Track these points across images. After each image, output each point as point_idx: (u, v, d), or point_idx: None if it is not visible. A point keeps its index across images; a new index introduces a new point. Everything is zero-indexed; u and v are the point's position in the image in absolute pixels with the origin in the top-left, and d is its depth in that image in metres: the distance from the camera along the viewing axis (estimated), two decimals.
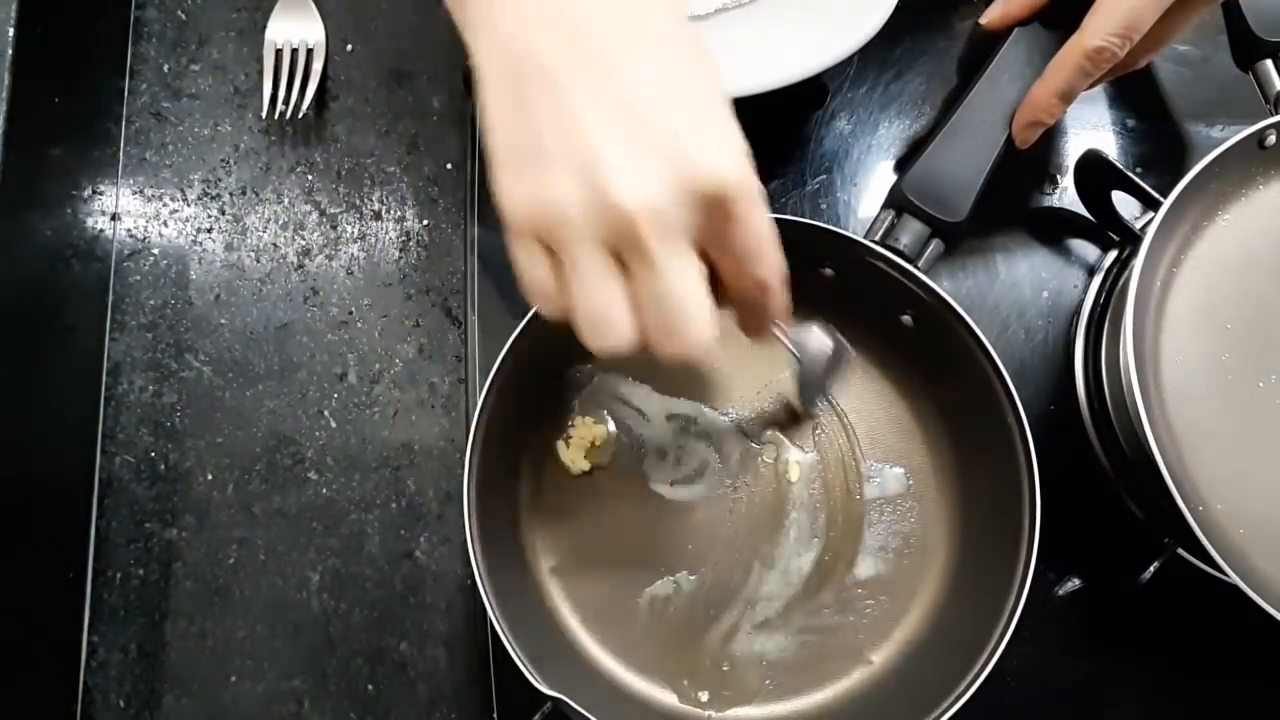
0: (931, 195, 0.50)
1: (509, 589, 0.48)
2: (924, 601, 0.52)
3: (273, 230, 0.59)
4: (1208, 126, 0.61)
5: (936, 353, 0.52)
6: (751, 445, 0.54)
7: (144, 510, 0.55)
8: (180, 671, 0.53)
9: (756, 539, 0.53)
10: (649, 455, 0.54)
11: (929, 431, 0.54)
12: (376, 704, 0.54)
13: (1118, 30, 0.49)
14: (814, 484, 0.54)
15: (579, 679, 0.50)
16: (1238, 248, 0.53)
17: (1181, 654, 0.55)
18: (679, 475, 0.54)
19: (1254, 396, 0.51)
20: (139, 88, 0.61)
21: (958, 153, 0.51)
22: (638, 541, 0.53)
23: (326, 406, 0.57)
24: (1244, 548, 0.48)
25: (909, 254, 0.50)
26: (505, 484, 0.52)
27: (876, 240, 0.51)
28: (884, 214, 0.52)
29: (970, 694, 0.45)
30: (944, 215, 0.50)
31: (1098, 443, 0.56)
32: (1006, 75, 0.52)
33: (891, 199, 0.51)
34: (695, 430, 0.54)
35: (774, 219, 0.51)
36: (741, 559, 0.53)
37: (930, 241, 0.51)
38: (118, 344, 0.57)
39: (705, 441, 0.54)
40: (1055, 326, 0.58)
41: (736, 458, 0.54)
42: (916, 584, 0.52)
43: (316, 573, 0.55)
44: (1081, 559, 0.55)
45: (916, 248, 0.51)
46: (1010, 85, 0.52)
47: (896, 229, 0.51)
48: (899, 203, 0.51)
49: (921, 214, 0.50)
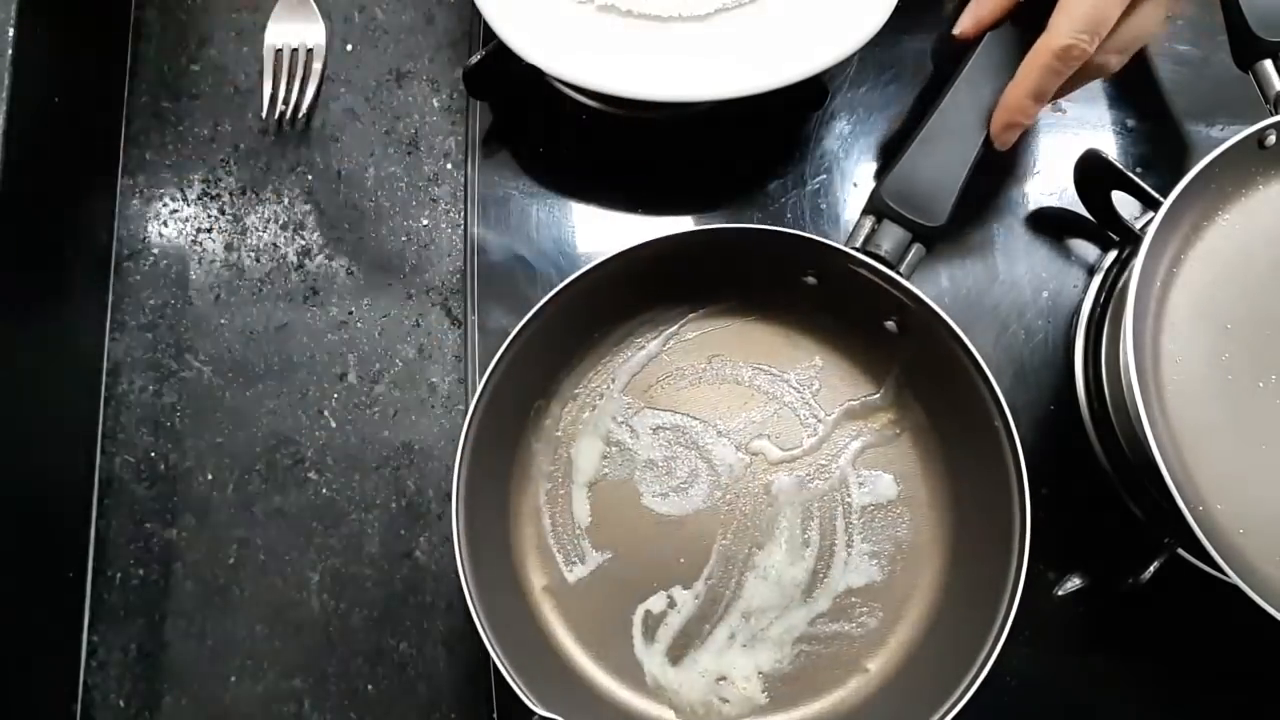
0: (910, 200, 0.50)
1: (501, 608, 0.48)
2: (919, 607, 0.52)
3: (273, 230, 0.59)
4: (1208, 126, 0.61)
5: (921, 357, 0.52)
6: (741, 456, 0.54)
7: (144, 510, 0.55)
8: (180, 671, 0.54)
9: (749, 550, 0.53)
10: (639, 469, 0.54)
11: (918, 436, 0.54)
12: (376, 704, 0.54)
13: (1083, 27, 0.49)
14: (804, 493, 0.54)
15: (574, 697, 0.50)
16: (1238, 248, 0.53)
17: (1181, 654, 0.55)
18: (669, 488, 0.54)
19: (1254, 396, 0.51)
20: (139, 88, 0.61)
21: (935, 157, 0.51)
22: (630, 557, 0.53)
23: (326, 406, 0.57)
24: (1244, 548, 0.48)
25: (890, 260, 0.50)
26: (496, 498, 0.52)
27: (857, 247, 0.50)
28: (864, 220, 0.51)
29: (968, 698, 0.45)
30: (924, 220, 0.50)
31: (1098, 443, 0.56)
32: (981, 78, 0.52)
33: (871, 205, 0.51)
34: (684, 442, 0.54)
35: (752, 229, 0.51)
36: (734, 571, 0.53)
37: (911, 246, 0.51)
38: (118, 344, 0.57)
39: (695, 453, 0.54)
40: (1055, 326, 0.58)
41: (726, 469, 0.54)
42: (911, 590, 0.52)
43: (316, 573, 0.55)
44: (1081, 559, 0.55)
45: (898, 253, 0.50)
46: (985, 88, 0.52)
47: (877, 235, 0.51)
48: (879, 208, 0.51)
49: (901, 219, 0.50)
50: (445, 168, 0.60)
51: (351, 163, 0.60)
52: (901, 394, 0.54)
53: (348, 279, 0.59)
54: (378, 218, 0.60)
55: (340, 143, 0.60)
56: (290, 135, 0.60)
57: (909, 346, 0.52)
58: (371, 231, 0.59)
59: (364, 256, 0.59)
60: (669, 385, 0.55)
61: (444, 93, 0.62)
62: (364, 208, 0.60)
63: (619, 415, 0.54)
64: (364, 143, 0.61)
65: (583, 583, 0.52)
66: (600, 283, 0.50)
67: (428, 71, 0.62)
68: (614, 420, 0.54)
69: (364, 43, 0.62)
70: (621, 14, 0.54)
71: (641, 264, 0.51)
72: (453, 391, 0.57)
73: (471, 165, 0.60)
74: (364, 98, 0.61)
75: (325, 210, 0.60)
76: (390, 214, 0.60)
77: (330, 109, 0.61)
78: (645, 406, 0.55)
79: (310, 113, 0.60)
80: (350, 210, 0.60)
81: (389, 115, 0.61)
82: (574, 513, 0.53)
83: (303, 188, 0.60)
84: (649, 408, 0.55)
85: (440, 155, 0.61)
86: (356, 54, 0.62)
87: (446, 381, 0.58)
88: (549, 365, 0.54)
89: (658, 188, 0.60)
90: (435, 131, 0.61)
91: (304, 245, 0.59)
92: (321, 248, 0.59)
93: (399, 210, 0.60)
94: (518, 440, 0.53)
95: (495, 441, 0.50)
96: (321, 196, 0.60)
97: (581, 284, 0.50)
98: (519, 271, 0.58)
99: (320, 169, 0.60)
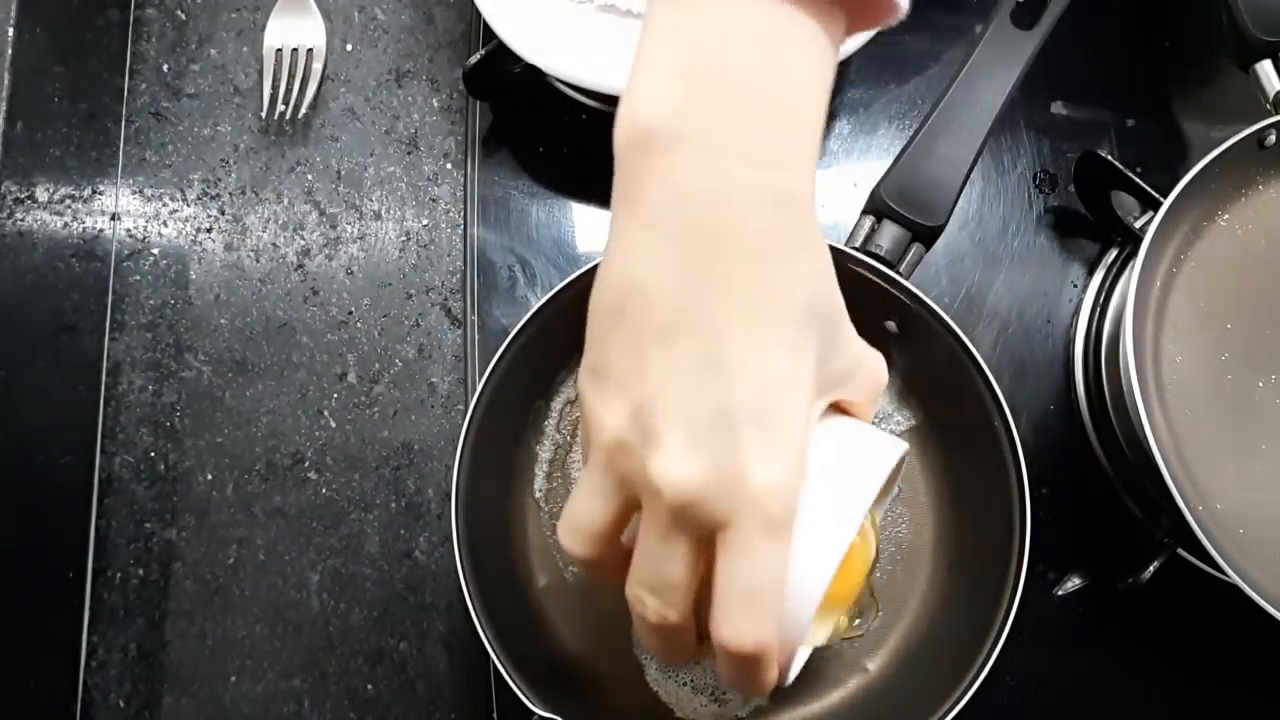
0: (910, 200, 0.50)
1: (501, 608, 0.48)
2: (918, 607, 0.52)
3: (272, 230, 0.59)
4: (1208, 126, 0.61)
5: (920, 358, 0.52)
6: None
7: (144, 510, 0.55)
8: (180, 671, 0.54)
9: None
10: None
11: (917, 437, 0.54)
12: (376, 704, 0.54)
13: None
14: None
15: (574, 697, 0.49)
16: (1238, 248, 0.53)
17: (1181, 654, 0.55)
18: None
19: (1254, 396, 0.51)
20: (139, 88, 0.61)
21: (935, 156, 0.51)
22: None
23: (326, 406, 0.57)
24: (1244, 548, 0.48)
25: (890, 259, 0.50)
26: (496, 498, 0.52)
27: (857, 246, 0.50)
28: (863, 220, 0.51)
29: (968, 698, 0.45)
30: (924, 219, 0.50)
31: (1098, 443, 0.56)
32: (982, 77, 0.52)
33: (871, 204, 0.51)
34: None
35: None
36: None
37: (911, 246, 0.51)
38: (118, 344, 0.57)
39: None
40: (1055, 326, 0.58)
41: None
42: (910, 590, 0.52)
43: (316, 573, 0.55)
44: (1081, 559, 0.55)
45: (897, 253, 0.50)
46: (985, 88, 0.52)
47: (877, 234, 0.50)
48: (878, 208, 0.51)
49: (901, 219, 0.50)
50: (445, 168, 0.60)
51: (351, 163, 0.60)
52: (901, 394, 0.54)
53: (348, 279, 0.59)
54: (378, 218, 0.60)
55: (340, 142, 0.60)
56: (290, 135, 0.60)
57: (909, 346, 0.52)
58: (371, 231, 0.59)
59: (364, 256, 0.59)
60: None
61: (444, 93, 0.62)
62: (364, 208, 0.60)
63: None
64: (364, 143, 0.61)
65: (582, 583, 0.52)
66: None
67: (427, 71, 0.62)
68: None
69: (364, 42, 0.62)
70: (621, 14, 0.54)
71: None
72: (453, 391, 0.57)
73: (471, 165, 0.60)
74: (364, 97, 0.61)
75: (325, 210, 0.60)
76: (390, 214, 0.60)
77: (330, 109, 0.61)
78: None
79: (310, 113, 0.60)
80: (350, 210, 0.60)
81: (388, 115, 0.61)
82: None
83: (303, 188, 0.60)
84: None
85: (440, 155, 0.61)
86: (356, 54, 0.62)
87: (446, 381, 0.58)
88: (549, 365, 0.53)
89: None
90: (435, 131, 0.61)
91: (304, 245, 0.59)
92: (321, 248, 0.59)
93: (399, 210, 0.60)
94: (518, 440, 0.53)
95: (495, 441, 0.50)
96: (321, 196, 0.60)
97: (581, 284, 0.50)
98: (519, 271, 0.58)
99: (320, 169, 0.60)
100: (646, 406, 0.32)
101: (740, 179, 0.31)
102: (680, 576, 0.33)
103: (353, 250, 0.59)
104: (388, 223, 0.60)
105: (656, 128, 0.31)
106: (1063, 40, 0.52)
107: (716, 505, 0.31)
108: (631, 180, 0.32)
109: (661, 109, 0.32)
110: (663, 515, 0.32)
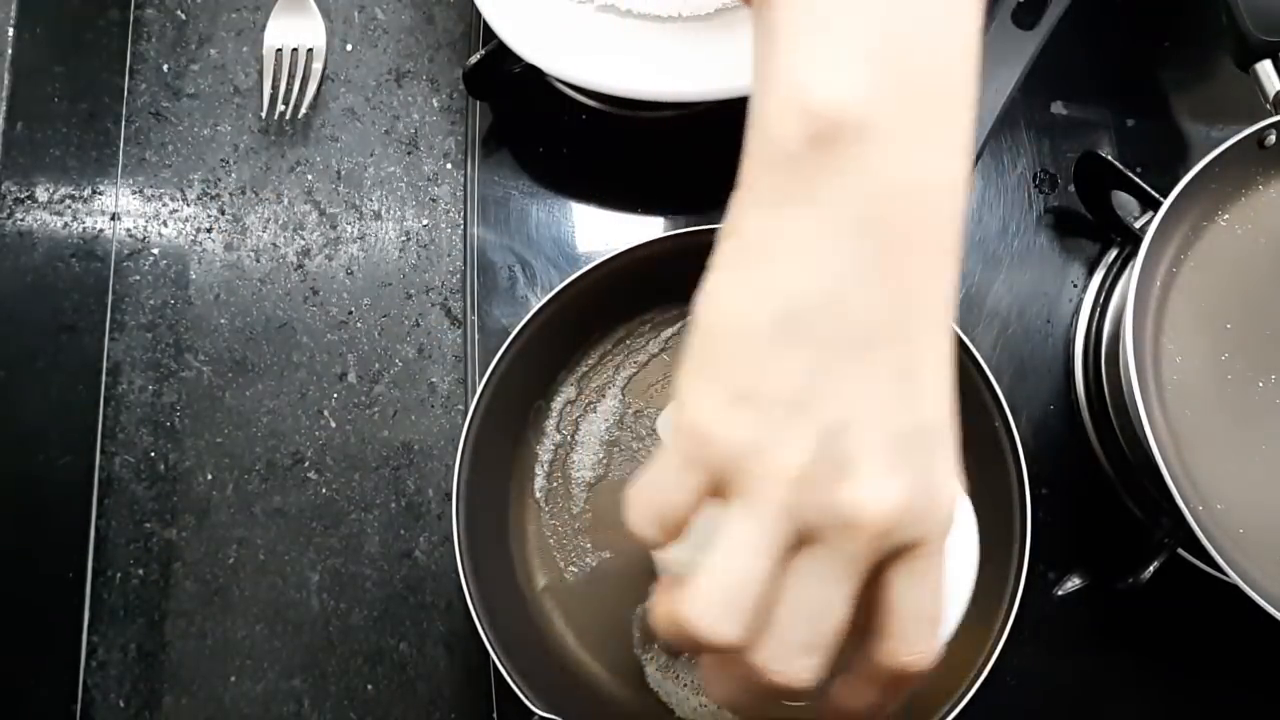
0: None
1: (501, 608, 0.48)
2: None
3: (272, 230, 0.59)
4: (1208, 126, 0.61)
5: None
6: None
7: (144, 510, 0.55)
8: (180, 671, 0.54)
9: None
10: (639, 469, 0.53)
11: None
12: (376, 704, 0.54)
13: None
14: None
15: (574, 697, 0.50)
16: (1238, 248, 0.53)
17: (1181, 654, 0.55)
18: None
19: (1254, 396, 0.51)
20: (139, 88, 0.61)
21: None
22: (630, 557, 0.52)
23: (326, 406, 0.57)
24: (1244, 548, 0.48)
25: None
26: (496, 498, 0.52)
27: None
28: None
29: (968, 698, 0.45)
30: None
31: (1098, 443, 0.56)
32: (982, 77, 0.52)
33: None
34: None
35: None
36: None
37: None
38: (118, 344, 0.57)
39: None
40: (1055, 326, 0.58)
41: None
42: None
43: (316, 573, 0.55)
44: (1081, 559, 0.55)
45: None
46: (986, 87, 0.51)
47: None
48: None
49: None
50: (445, 167, 0.60)
51: (351, 163, 0.60)
52: None
53: (348, 279, 0.59)
54: (378, 218, 0.60)
55: (340, 142, 0.60)
56: (290, 135, 0.60)
57: None
58: (371, 231, 0.59)
59: (364, 256, 0.59)
60: (669, 386, 0.55)
61: (444, 93, 0.61)
62: (364, 208, 0.60)
63: (619, 415, 0.54)
64: (364, 142, 0.61)
65: (582, 583, 0.52)
66: (600, 283, 0.50)
67: (427, 71, 0.62)
68: (614, 420, 0.54)
69: (364, 42, 0.62)
70: (621, 14, 0.54)
71: (641, 264, 0.51)
72: (453, 391, 0.57)
73: (471, 165, 0.60)
74: (364, 97, 0.61)
75: (325, 210, 0.60)
76: (390, 214, 0.60)
77: (330, 109, 0.61)
78: (645, 407, 0.55)
79: (310, 113, 0.60)
80: (350, 210, 0.60)
81: (388, 115, 0.61)
82: (574, 513, 0.53)
83: (303, 188, 0.60)
84: (649, 408, 0.55)
85: (440, 155, 0.61)
86: (356, 54, 0.62)
87: (446, 381, 0.58)
88: (549, 365, 0.54)
89: (658, 188, 0.60)
90: (435, 131, 0.61)
91: (304, 245, 0.59)
92: (321, 248, 0.59)
93: (399, 210, 0.60)
94: (518, 440, 0.53)
95: (495, 441, 0.50)
96: (321, 196, 0.60)
97: (581, 284, 0.50)
98: (519, 271, 0.58)
99: (320, 169, 0.60)
100: (843, 428, 0.28)
101: (936, 169, 0.29)
102: (842, 622, 0.29)
103: (353, 250, 0.59)
104: (388, 223, 0.60)
105: (844, 118, 0.28)
106: (1063, 40, 0.52)
107: (913, 529, 0.29)
108: (805, 177, 0.29)
109: (849, 96, 0.28)
110: (846, 552, 0.28)
